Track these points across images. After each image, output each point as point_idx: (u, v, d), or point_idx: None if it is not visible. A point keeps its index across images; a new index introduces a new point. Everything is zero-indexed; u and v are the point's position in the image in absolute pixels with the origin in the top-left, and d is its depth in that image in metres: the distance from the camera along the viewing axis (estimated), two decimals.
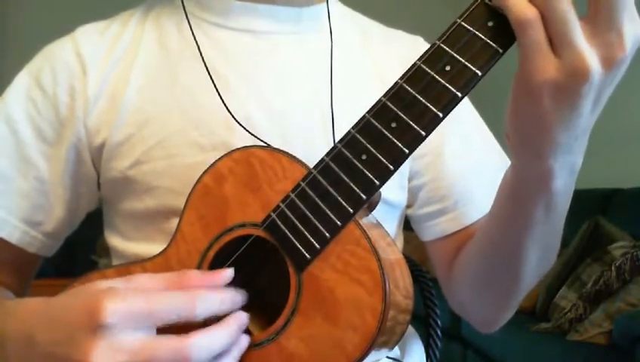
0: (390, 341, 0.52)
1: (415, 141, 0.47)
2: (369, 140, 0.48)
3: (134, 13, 0.72)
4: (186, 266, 0.55)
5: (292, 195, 0.51)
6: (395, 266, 0.50)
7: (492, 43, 0.45)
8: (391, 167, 0.47)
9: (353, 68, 0.71)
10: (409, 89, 0.47)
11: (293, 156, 0.53)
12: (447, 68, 0.46)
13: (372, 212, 0.54)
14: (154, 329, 0.45)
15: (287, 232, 0.51)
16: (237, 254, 0.54)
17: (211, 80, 0.65)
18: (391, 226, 0.71)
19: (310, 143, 0.64)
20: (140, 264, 0.58)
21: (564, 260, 2.31)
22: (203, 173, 0.56)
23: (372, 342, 0.47)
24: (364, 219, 0.51)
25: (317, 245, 0.49)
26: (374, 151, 0.48)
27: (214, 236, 0.54)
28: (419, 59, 0.48)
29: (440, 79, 0.46)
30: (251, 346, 0.51)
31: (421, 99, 0.47)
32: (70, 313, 0.46)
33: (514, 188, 0.54)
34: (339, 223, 0.49)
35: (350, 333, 0.47)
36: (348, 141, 0.50)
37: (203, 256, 0.54)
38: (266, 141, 0.62)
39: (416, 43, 0.78)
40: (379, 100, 0.49)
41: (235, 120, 0.63)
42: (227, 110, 0.64)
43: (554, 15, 0.41)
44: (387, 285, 0.47)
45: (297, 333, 0.49)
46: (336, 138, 0.64)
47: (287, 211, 0.51)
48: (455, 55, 0.46)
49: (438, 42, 0.47)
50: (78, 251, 2.71)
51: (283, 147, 0.55)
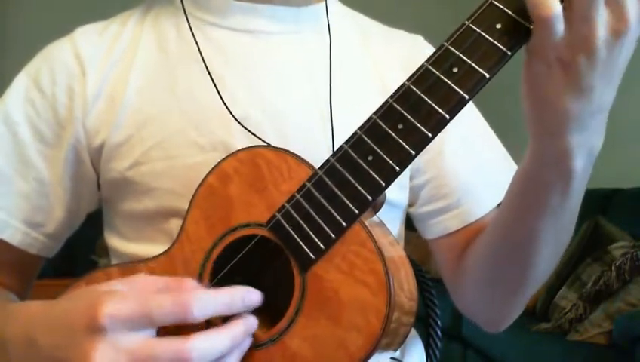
0: (394, 342, 0.52)
1: (421, 142, 0.47)
2: (375, 141, 0.48)
3: (133, 13, 0.72)
4: (190, 266, 0.55)
5: (297, 196, 0.51)
6: (400, 267, 0.50)
7: (500, 45, 0.45)
8: (397, 169, 0.47)
9: (353, 67, 0.71)
10: (416, 90, 0.47)
11: (299, 157, 0.53)
12: (454, 70, 0.46)
13: (377, 213, 0.54)
14: (153, 330, 0.45)
15: (292, 232, 0.51)
16: (241, 254, 0.54)
17: (211, 80, 0.65)
18: (393, 226, 0.71)
19: (309, 143, 0.64)
20: (145, 263, 0.58)
21: (564, 260, 2.31)
22: (208, 173, 0.56)
23: (376, 344, 0.47)
24: (368, 220, 0.51)
25: (322, 245, 0.49)
26: (380, 152, 0.48)
27: (219, 236, 0.54)
28: (426, 60, 0.48)
29: (447, 81, 0.46)
30: (255, 346, 0.51)
31: (428, 100, 0.47)
32: (71, 316, 0.46)
33: (531, 173, 0.54)
34: (344, 224, 0.49)
35: (354, 334, 0.47)
36: (354, 142, 0.49)
37: (207, 256, 0.54)
38: (266, 141, 0.62)
39: (416, 42, 0.77)
40: (385, 101, 0.49)
41: (236, 120, 0.63)
42: (228, 110, 0.64)
43: None
44: (392, 286, 0.47)
45: (301, 334, 0.49)
46: (335, 138, 0.64)
47: (292, 211, 0.51)
48: (462, 57, 0.46)
49: (446, 44, 0.47)
50: (78, 251, 2.71)
51: (282, 147, 0.55)
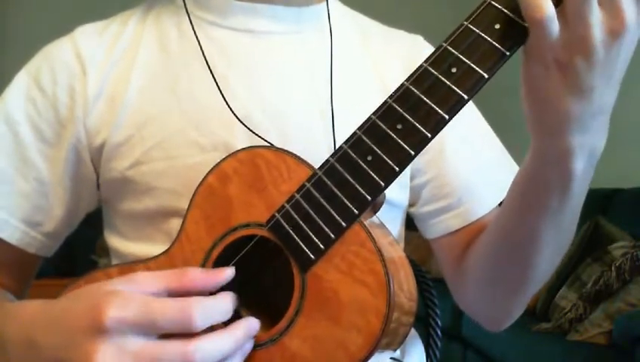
0: (393, 342, 0.52)
1: (421, 143, 0.47)
2: (374, 141, 0.48)
3: (134, 13, 0.72)
4: (190, 265, 0.55)
5: (297, 196, 0.51)
6: (400, 267, 0.50)
7: (498, 45, 0.45)
8: (396, 169, 0.47)
9: (353, 67, 0.71)
10: (415, 90, 0.47)
11: (298, 157, 0.53)
12: (453, 70, 0.46)
13: (377, 213, 0.54)
14: (155, 334, 0.45)
15: (291, 233, 0.51)
16: (241, 254, 0.54)
17: (214, 80, 0.65)
18: (394, 226, 0.71)
19: (310, 143, 0.64)
20: (144, 263, 0.58)
21: (564, 260, 2.30)
22: (207, 173, 0.56)
23: (376, 344, 0.46)
24: (368, 220, 0.51)
25: (321, 246, 0.49)
26: (380, 152, 0.48)
27: (219, 236, 0.54)
28: (425, 60, 0.48)
29: (446, 81, 0.46)
30: (254, 346, 0.50)
31: (427, 100, 0.47)
32: (72, 316, 0.46)
33: (532, 173, 0.54)
34: (343, 224, 0.49)
35: (354, 334, 0.47)
36: (353, 142, 0.49)
37: (207, 256, 0.54)
38: (267, 141, 0.62)
39: (416, 42, 0.78)
40: (385, 102, 0.49)
41: (238, 119, 0.63)
42: (230, 110, 0.64)
43: None
44: (392, 287, 0.47)
45: (301, 334, 0.49)
46: (336, 138, 0.64)
47: (291, 211, 0.51)
48: (461, 57, 0.46)
49: (445, 44, 0.47)
50: (78, 251, 2.72)
51: (283, 147, 0.55)
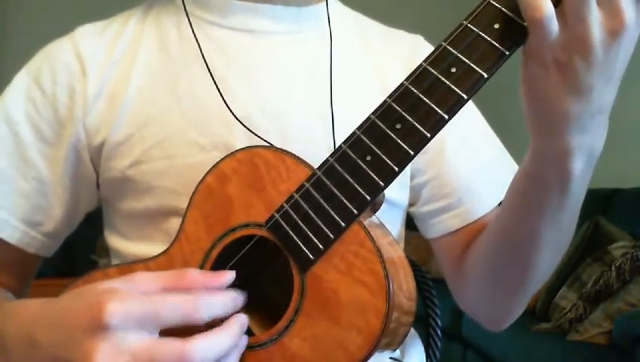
0: (393, 342, 0.52)
1: (420, 143, 0.47)
2: (374, 141, 0.48)
3: (134, 13, 0.72)
4: (189, 265, 0.55)
5: (296, 196, 0.51)
6: (399, 267, 0.50)
7: (498, 45, 0.45)
8: (396, 169, 0.47)
9: (353, 68, 0.71)
10: (414, 90, 0.47)
11: (297, 157, 0.53)
12: (452, 69, 0.46)
13: (376, 213, 0.54)
14: (156, 331, 0.45)
15: (290, 233, 0.51)
16: (240, 254, 0.54)
17: (213, 80, 0.65)
18: (394, 226, 0.71)
19: (310, 143, 0.64)
20: (143, 263, 0.58)
21: (564, 260, 2.30)
22: (206, 174, 0.56)
23: (375, 344, 0.47)
24: (367, 220, 0.51)
25: (320, 246, 0.49)
26: (379, 152, 0.48)
27: (218, 236, 0.54)
28: (424, 60, 0.47)
29: (445, 81, 0.46)
30: (254, 346, 0.51)
31: (426, 100, 0.47)
32: (72, 314, 0.46)
33: (531, 173, 0.54)
34: (343, 224, 0.49)
35: (353, 334, 0.47)
36: (353, 142, 0.49)
37: (206, 256, 0.54)
38: (266, 140, 0.62)
39: (416, 42, 0.77)
40: (384, 101, 0.49)
41: (237, 119, 0.63)
42: (229, 110, 0.64)
43: None
44: (391, 286, 0.47)
45: (300, 334, 0.49)
46: (336, 138, 0.64)
47: (290, 212, 0.51)
48: (461, 57, 0.46)
49: (444, 44, 0.47)
50: (78, 251, 2.72)
51: (283, 147, 0.55)
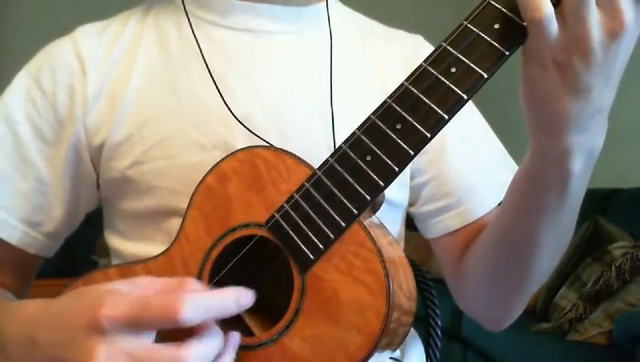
0: (393, 342, 0.52)
1: (420, 143, 0.47)
2: (374, 141, 0.48)
3: (134, 13, 0.72)
4: (189, 266, 0.55)
5: (296, 196, 0.51)
6: (399, 267, 0.50)
7: (498, 45, 0.45)
8: (396, 169, 0.47)
9: (353, 68, 0.71)
10: (414, 90, 0.47)
11: (297, 157, 0.53)
12: (452, 70, 0.46)
13: (376, 213, 0.54)
14: (152, 333, 0.45)
15: (290, 233, 0.51)
16: (240, 254, 0.54)
17: (212, 80, 0.65)
18: (394, 226, 0.71)
19: (310, 143, 0.64)
20: (143, 263, 0.58)
21: (564, 260, 2.30)
22: (206, 174, 0.56)
23: (375, 344, 0.47)
24: (367, 220, 0.51)
25: (321, 246, 0.49)
26: (379, 152, 0.48)
27: (218, 236, 0.54)
28: (424, 60, 0.48)
29: (445, 81, 0.46)
30: (255, 346, 0.51)
31: (426, 100, 0.47)
32: (71, 315, 0.46)
33: (530, 173, 0.54)
34: (343, 224, 0.49)
35: (353, 334, 0.47)
36: (353, 142, 0.49)
37: (206, 256, 0.54)
38: (267, 140, 0.62)
39: (416, 42, 0.77)
40: (384, 101, 0.49)
41: (237, 120, 0.63)
42: (228, 109, 0.64)
43: None
44: (391, 286, 0.47)
45: (300, 334, 0.49)
46: (336, 138, 0.64)
47: (291, 212, 0.51)
48: (461, 57, 0.46)
49: (444, 44, 0.47)
50: (78, 251, 2.72)
51: (283, 147, 0.55)
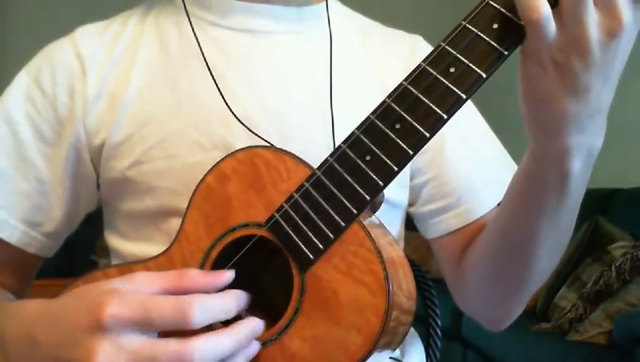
0: (393, 342, 0.52)
1: (419, 142, 0.47)
2: (373, 141, 0.48)
3: (134, 13, 0.72)
4: (189, 266, 0.55)
5: (296, 196, 0.51)
6: (399, 267, 0.50)
7: (496, 45, 0.45)
8: (395, 168, 0.48)
9: (353, 68, 0.71)
10: (413, 90, 0.47)
11: (297, 157, 0.53)
12: (451, 69, 0.46)
13: (375, 213, 0.54)
14: (155, 333, 0.45)
15: (290, 232, 0.51)
16: (240, 254, 0.54)
17: (213, 80, 0.65)
18: (393, 226, 0.71)
19: (310, 143, 0.64)
20: (143, 263, 0.58)
21: (564, 260, 2.30)
22: (206, 174, 0.56)
23: (375, 343, 0.47)
24: (367, 220, 0.51)
25: (320, 245, 0.49)
26: (378, 152, 0.48)
27: (217, 236, 0.54)
28: (423, 60, 0.48)
29: (444, 80, 0.46)
30: None
31: (425, 100, 0.47)
32: (72, 315, 0.46)
33: (530, 173, 0.54)
34: (342, 224, 0.49)
35: (353, 334, 0.47)
36: (352, 142, 0.50)
37: (206, 256, 0.54)
38: (266, 140, 0.62)
39: (415, 42, 0.78)
40: (383, 101, 0.49)
41: (238, 119, 0.63)
42: (229, 109, 0.64)
43: None
44: (390, 286, 0.47)
45: (300, 333, 0.49)
46: (336, 138, 0.64)
47: (290, 211, 0.51)
48: (459, 57, 0.46)
49: (443, 44, 0.47)
50: (78, 251, 2.72)
51: (283, 147, 0.55)
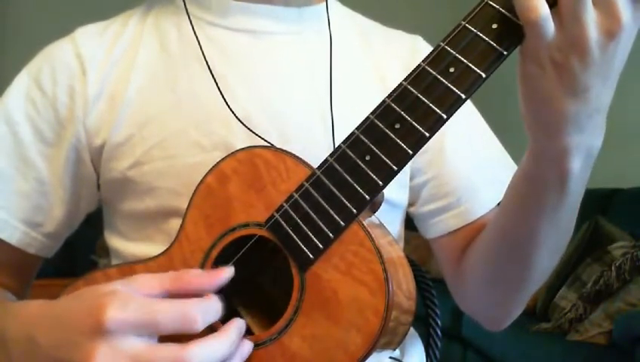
0: (393, 341, 0.52)
1: (419, 142, 0.47)
2: (373, 141, 0.49)
3: (134, 13, 0.72)
4: (190, 266, 0.55)
5: (296, 195, 0.51)
6: (398, 267, 0.51)
7: (496, 45, 0.45)
8: (395, 168, 0.48)
9: (353, 68, 0.71)
10: (413, 90, 0.48)
11: (297, 157, 0.53)
12: (451, 69, 0.46)
13: (375, 213, 0.54)
14: (155, 337, 0.45)
15: (290, 232, 0.51)
16: (240, 254, 0.54)
17: (214, 80, 0.65)
18: (393, 226, 0.71)
19: (310, 143, 0.64)
20: (144, 263, 0.58)
21: (564, 260, 2.30)
22: (206, 174, 0.56)
23: (374, 343, 0.47)
24: (367, 220, 0.51)
25: (320, 245, 0.49)
26: (378, 152, 0.48)
27: (218, 236, 0.54)
28: (423, 60, 0.48)
29: (444, 80, 0.46)
30: (254, 345, 0.51)
31: (425, 100, 0.47)
32: (72, 316, 0.46)
33: (529, 172, 0.54)
34: (342, 223, 0.49)
35: (353, 334, 0.47)
36: (352, 142, 0.50)
37: (206, 256, 0.54)
38: (266, 140, 0.62)
39: (415, 42, 0.78)
40: (383, 101, 0.49)
41: (238, 119, 0.63)
42: (229, 110, 0.64)
43: None
44: (390, 286, 0.47)
45: (300, 333, 0.49)
46: (335, 138, 0.64)
47: (290, 211, 0.51)
48: (459, 57, 0.46)
49: (442, 44, 0.47)
50: (78, 251, 2.72)
51: (283, 147, 0.55)
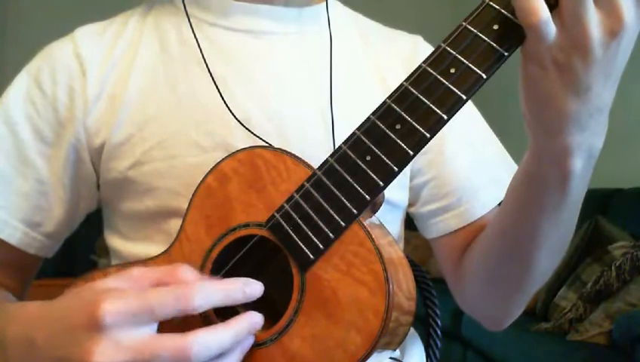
0: (393, 342, 0.52)
1: (419, 143, 0.47)
2: (373, 142, 0.49)
3: (133, 13, 0.72)
4: (190, 265, 0.55)
5: (296, 196, 0.51)
6: (399, 267, 0.51)
7: (497, 46, 0.45)
8: (395, 169, 0.48)
9: (354, 68, 0.71)
10: (413, 91, 0.48)
11: (297, 157, 0.53)
12: (451, 70, 0.46)
13: (376, 213, 0.54)
14: (155, 326, 0.45)
15: (290, 232, 0.51)
16: (240, 254, 0.54)
17: (213, 81, 0.65)
18: (394, 227, 0.71)
19: (310, 144, 0.64)
20: (143, 263, 0.58)
21: (564, 260, 2.30)
22: (207, 174, 0.57)
23: (375, 343, 0.47)
24: (367, 220, 0.51)
25: (320, 245, 0.49)
26: (379, 152, 0.48)
27: (218, 236, 0.55)
28: (424, 61, 0.48)
29: (444, 81, 0.46)
30: (254, 345, 0.51)
31: (425, 101, 0.47)
32: (69, 314, 0.46)
33: (530, 172, 0.54)
34: (342, 224, 0.49)
35: (353, 334, 0.47)
36: (352, 142, 0.50)
37: (206, 256, 0.55)
38: (267, 141, 0.62)
39: (416, 43, 0.78)
40: (384, 102, 0.49)
41: (237, 120, 0.63)
42: (229, 110, 0.64)
43: None
44: (390, 286, 0.47)
45: (300, 333, 0.50)
46: (336, 139, 0.64)
47: (291, 211, 0.51)
48: (460, 57, 0.46)
49: (443, 45, 0.47)
50: (78, 251, 2.73)
51: (283, 147, 0.55)
